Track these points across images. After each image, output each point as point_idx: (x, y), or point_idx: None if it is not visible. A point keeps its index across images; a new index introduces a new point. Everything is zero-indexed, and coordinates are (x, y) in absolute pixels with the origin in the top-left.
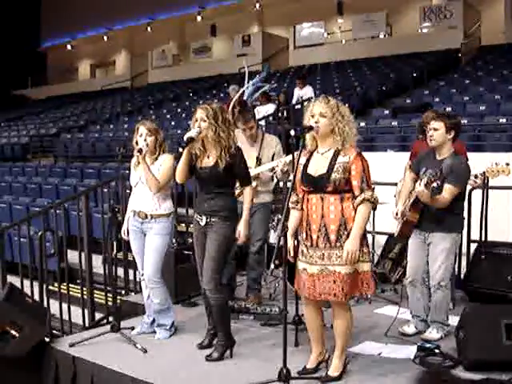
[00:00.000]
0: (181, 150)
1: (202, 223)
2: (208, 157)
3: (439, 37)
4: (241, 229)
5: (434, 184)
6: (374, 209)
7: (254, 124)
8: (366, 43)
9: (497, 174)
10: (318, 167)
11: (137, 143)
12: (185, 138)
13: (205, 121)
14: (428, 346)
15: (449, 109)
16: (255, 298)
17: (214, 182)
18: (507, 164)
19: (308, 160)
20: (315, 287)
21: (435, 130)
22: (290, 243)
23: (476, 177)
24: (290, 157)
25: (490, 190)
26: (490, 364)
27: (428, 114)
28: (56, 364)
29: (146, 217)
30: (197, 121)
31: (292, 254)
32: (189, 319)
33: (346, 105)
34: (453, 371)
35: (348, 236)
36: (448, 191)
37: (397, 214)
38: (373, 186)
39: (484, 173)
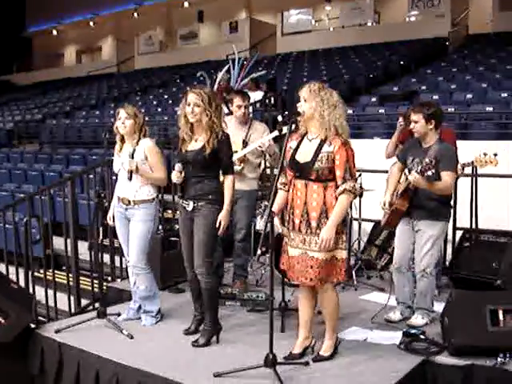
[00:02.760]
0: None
1: (189, 208)
2: (196, 140)
3: (427, 25)
4: (221, 218)
5: (429, 172)
6: (358, 196)
7: (248, 105)
8: (353, 31)
9: (485, 165)
10: (305, 154)
11: (117, 128)
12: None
13: (199, 106)
14: (413, 331)
15: (435, 97)
16: (241, 285)
17: (200, 165)
18: (495, 155)
19: (298, 145)
20: (294, 270)
21: (415, 122)
22: (277, 220)
23: (464, 166)
24: (274, 133)
25: (489, 179)
26: (474, 350)
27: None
28: (42, 350)
29: (129, 203)
30: (189, 105)
31: (280, 229)
32: (175, 305)
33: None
34: (438, 357)
35: None
36: (448, 177)
37: (384, 204)
38: (356, 176)
39: (472, 162)
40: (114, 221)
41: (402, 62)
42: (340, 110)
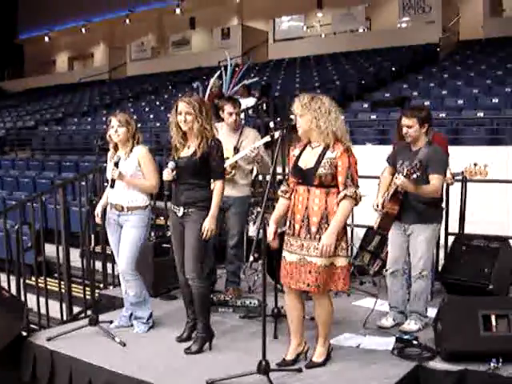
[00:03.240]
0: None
1: (179, 214)
2: (188, 147)
3: (418, 31)
4: (206, 224)
5: (414, 175)
6: (356, 205)
7: (239, 112)
8: (345, 37)
9: (475, 175)
10: (307, 161)
11: (110, 136)
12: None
13: (190, 114)
14: (406, 337)
15: (427, 103)
16: (234, 291)
17: (191, 171)
18: (485, 166)
19: (301, 152)
20: (292, 275)
21: (409, 127)
22: (273, 228)
23: (454, 175)
24: (264, 139)
25: (481, 184)
26: (467, 355)
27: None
28: (34, 358)
29: (123, 209)
30: (181, 114)
31: (272, 238)
32: (168, 312)
33: None
34: (431, 362)
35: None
36: (436, 179)
37: (377, 206)
38: (358, 183)
39: (462, 172)
40: (101, 218)
41: (393, 68)
42: (334, 114)
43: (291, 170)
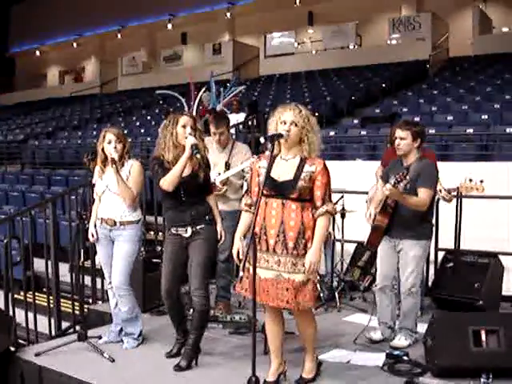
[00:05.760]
0: (198, 156)
1: (187, 234)
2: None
3: (408, 48)
4: (220, 230)
5: (402, 184)
6: (341, 217)
7: (225, 130)
8: (335, 53)
9: (470, 191)
10: (281, 173)
11: (103, 150)
12: (192, 145)
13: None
14: (396, 353)
15: (417, 118)
16: (224, 307)
17: (193, 190)
18: (481, 181)
19: (270, 164)
20: (269, 293)
21: (402, 139)
22: (239, 245)
23: (450, 191)
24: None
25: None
26: (457, 371)
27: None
28: (22, 374)
29: (115, 224)
30: (184, 127)
31: (240, 257)
32: (157, 328)
33: (316, 114)
34: (421, 378)
35: (305, 244)
36: (424, 193)
37: (370, 216)
38: (332, 199)
39: (458, 188)
40: (95, 237)
41: (383, 85)
42: (316, 127)
43: (263, 182)
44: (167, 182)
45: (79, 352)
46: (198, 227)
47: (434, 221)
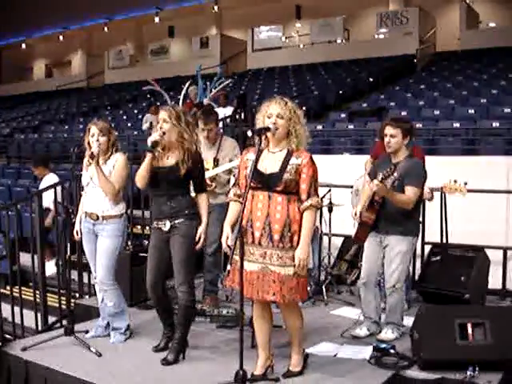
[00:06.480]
0: (150, 154)
1: (166, 228)
2: (168, 157)
3: (395, 42)
4: (201, 232)
5: (389, 180)
6: (328, 211)
7: (214, 126)
8: (323, 48)
9: (454, 192)
10: (268, 166)
11: (89, 144)
12: (149, 143)
13: (167, 122)
14: (383, 346)
15: (404, 113)
16: (212, 301)
17: (173, 183)
18: (465, 183)
19: (257, 157)
20: (254, 286)
21: (392, 136)
22: (228, 231)
23: (433, 190)
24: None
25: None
26: (444, 363)
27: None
28: (8, 368)
29: (98, 218)
30: (158, 122)
31: (231, 243)
32: (144, 322)
33: (304, 108)
34: (408, 371)
35: (291, 238)
36: (411, 191)
37: (355, 214)
38: (318, 192)
39: (441, 188)
40: (80, 235)
41: (370, 79)
42: (303, 120)
43: (249, 174)
44: (136, 178)
45: (66, 346)
46: (176, 221)
47: (421, 218)
